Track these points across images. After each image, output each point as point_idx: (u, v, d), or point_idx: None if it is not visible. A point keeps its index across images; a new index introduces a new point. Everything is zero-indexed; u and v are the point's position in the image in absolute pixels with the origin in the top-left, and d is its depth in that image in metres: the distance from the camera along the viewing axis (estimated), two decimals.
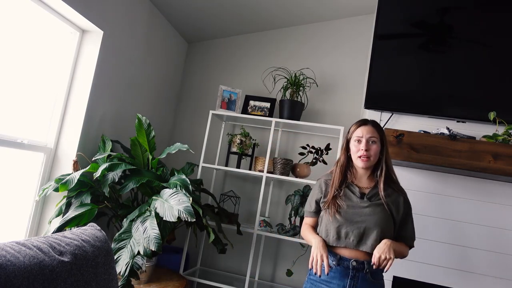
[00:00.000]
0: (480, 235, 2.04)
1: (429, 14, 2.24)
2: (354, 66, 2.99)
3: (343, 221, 1.46)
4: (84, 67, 2.17)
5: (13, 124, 1.88)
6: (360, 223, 1.45)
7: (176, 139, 3.25)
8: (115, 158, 2.03)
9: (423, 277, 2.06)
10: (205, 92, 3.30)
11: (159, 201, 1.85)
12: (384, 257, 1.36)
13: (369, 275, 1.44)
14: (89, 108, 2.17)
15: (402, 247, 1.50)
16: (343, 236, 1.46)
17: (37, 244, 1.02)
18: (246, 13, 2.93)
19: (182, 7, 2.80)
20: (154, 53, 2.85)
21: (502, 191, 2.06)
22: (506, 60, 2.12)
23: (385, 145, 1.54)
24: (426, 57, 2.23)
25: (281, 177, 2.62)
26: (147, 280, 2.09)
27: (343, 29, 3.07)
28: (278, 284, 2.85)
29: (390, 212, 1.48)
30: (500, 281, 1.99)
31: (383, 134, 1.55)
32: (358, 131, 1.53)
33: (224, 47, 3.32)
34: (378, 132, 1.53)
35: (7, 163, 1.87)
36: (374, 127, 1.53)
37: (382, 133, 1.55)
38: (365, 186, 1.55)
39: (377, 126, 1.55)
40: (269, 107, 2.86)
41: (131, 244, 1.75)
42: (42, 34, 1.97)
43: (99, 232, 1.27)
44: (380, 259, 1.36)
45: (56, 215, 1.96)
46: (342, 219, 1.46)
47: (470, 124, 2.14)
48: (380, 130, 1.55)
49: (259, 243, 2.89)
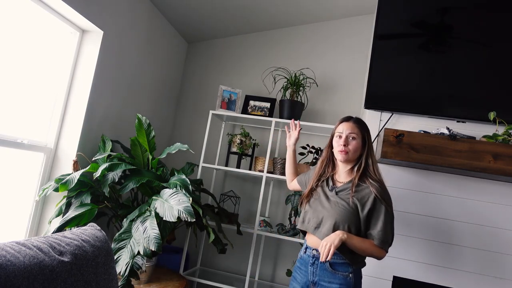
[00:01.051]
0: (480, 235, 2.04)
1: (429, 14, 2.24)
2: (354, 66, 2.99)
3: (309, 209, 1.62)
4: (84, 67, 2.17)
5: (13, 124, 1.88)
6: (320, 212, 1.56)
7: (176, 139, 3.25)
8: (115, 158, 2.03)
9: (423, 277, 2.06)
10: (205, 92, 3.30)
11: (159, 201, 1.85)
12: (326, 243, 1.39)
13: (328, 264, 1.50)
14: (89, 108, 2.17)
15: (365, 244, 1.47)
16: (306, 221, 1.60)
17: (37, 244, 1.02)
18: (246, 13, 2.93)
19: (182, 7, 2.80)
20: (154, 53, 2.85)
21: (502, 191, 2.06)
22: (506, 60, 2.12)
23: (367, 142, 1.58)
24: (426, 57, 2.23)
25: (281, 177, 2.62)
26: (147, 280, 2.09)
27: (343, 29, 3.07)
28: (278, 284, 2.85)
29: (355, 207, 1.50)
30: (500, 281, 1.99)
31: (365, 131, 1.60)
32: (339, 127, 1.61)
33: (224, 47, 3.32)
34: (359, 129, 1.58)
35: (7, 163, 1.87)
36: (356, 124, 1.59)
37: (364, 130, 1.60)
38: (342, 181, 1.62)
39: (359, 123, 1.60)
40: (269, 107, 2.86)
41: (131, 244, 1.75)
42: (42, 34, 1.97)
43: (99, 232, 1.27)
44: (323, 246, 1.40)
45: (56, 215, 1.96)
46: (309, 208, 1.62)
47: (470, 124, 2.14)
48: (362, 127, 1.60)
49: (259, 243, 2.89)
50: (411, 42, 2.24)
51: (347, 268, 1.50)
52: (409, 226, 2.11)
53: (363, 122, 1.63)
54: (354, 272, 1.51)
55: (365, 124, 1.62)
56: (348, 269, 1.50)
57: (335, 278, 1.50)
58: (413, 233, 2.11)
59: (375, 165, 1.57)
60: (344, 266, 1.50)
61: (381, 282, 2.08)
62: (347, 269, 1.50)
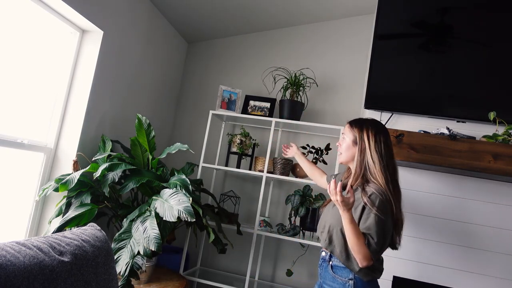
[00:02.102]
0: (480, 235, 2.04)
1: (429, 14, 2.24)
2: (354, 66, 2.99)
3: (321, 215, 1.65)
4: (84, 67, 2.17)
5: (13, 124, 1.88)
6: (323, 218, 1.59)
7: (176, 139, 3.25)
8: (115, 158, 2.03)
9: (423, 277, 2.06)
10: (205, 92, 3.30)
11: (159, 201, 1.85)
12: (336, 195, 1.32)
13: (330, 268, 1.51)
14: (89, 108, 2.17)
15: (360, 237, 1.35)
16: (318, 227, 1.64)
17: (37, 244, 1.02)
18: (246, 13, 2.93)
19: (182, 7, 2.80)
20: (154, 53, 2.85)
21: (502, 191, 2.06)
22: (506, 60, 2.12)
23: (359, 144, 1.50)
24: (426, 57, 2.23)
25: (281, 177, 2.62)
26: (147, 280, 2.09)
27: (343, 29, 3.07)
28: (278, 284, 2.85)
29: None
30: (500, 281, 1.99)
31: (358, 131, 1.52)
32: None
33: (224, 47, 3.32)
34: (349, 128, 1.56)
35: (7, 163, 1.87)
36: (348, 124, 1.58)
37: (356, 130, 1.52)
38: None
39: (351, 123, 1.57)
40: (269, 107, 2.86)
41: (131, 244, 1.75)
42: (42, 34, 1.97)
43: (99, 232, 1.27)
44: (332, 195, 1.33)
45: (56, 215, 1.96)
46: (322, 214, 1.65)
47: (470, 124, 2.14)
48: (352, 127, 1.55)
49: (259, 243, 2.89)
50: (411, 42, 2.24)
51: (347, 273, 1.45)
52: (409, 226, 2.11)
53: (359, 122, 1.55)
54: (357, 280, 1.43)
55: (361, 124, 1.54)
56: (348, 275, 1.45)
57: (334, 281, 1.48)
58: (413, 233, 2.11)
59: (375, 167, 1.45)
60: (344, 271, 1.46)
61: (381, 282, 2.06)
62: (347, 275, 1.45)
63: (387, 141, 1.51)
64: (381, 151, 1.47)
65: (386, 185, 1.43)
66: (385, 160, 1.47)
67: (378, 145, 1.48)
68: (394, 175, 1.50)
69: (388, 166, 1.47)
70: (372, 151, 1.47)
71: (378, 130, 1.51)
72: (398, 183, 1.51)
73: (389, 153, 1.50)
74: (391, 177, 1.47)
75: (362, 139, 1.50)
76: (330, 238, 1.48)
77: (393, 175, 1.49)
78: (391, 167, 1.48)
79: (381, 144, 1.48)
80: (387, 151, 1.49)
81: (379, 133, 1.50)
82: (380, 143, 1.48)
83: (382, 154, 1.47)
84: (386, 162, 1.47)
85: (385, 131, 1.54)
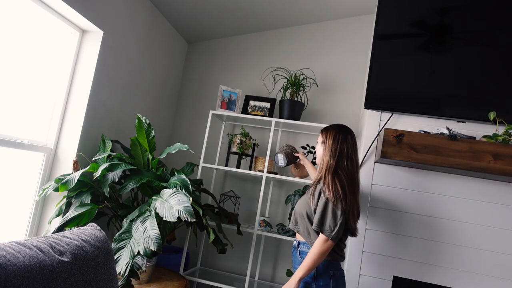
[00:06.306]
0: (480, 235, 2.04)
1: (429, 14, 2.24)
2: (354, 66, 2.99)
3: None
4: (84, 67, 2.17)
5: (13, 124, 1.88)
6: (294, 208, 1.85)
7: (176, 139, 3.25)
8: (115, 158, 2.03)
9: (423, 277, 2.06)
10: (205, 92, 3.30)
11: (159, 201, 1.85)
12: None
13: (298, 253, 1.70)
14: (89, 108, 2.17)
15: (312, 252, 1.57)
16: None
17: (37, 244, 1.02)
18: (246, 13, 2.93)
19: (182, 7, 2.80)
20: (154, 53, 2.85)
21: (502, 191, 2.06)
22: (506, 60, 2.12)
23: (323, 146, 1.74)
24: (426, 57, 2.23)
25: (281, 177, 2.62)
26: (147, 280, 2.09)
27: (343, 29, 3.07)
28: (278, 284, 2.85)
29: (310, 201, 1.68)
30: (500, 281, 1.99)
31: (325, 135, 1.75)
32: None
33: (224, 47, 3.32)
34: (321, 135, 1.78)
35: (7, 163, 1.87)
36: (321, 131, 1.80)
37: (324, 136, 1.75)
38: None
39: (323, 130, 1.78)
40: (269, 107, 2.86)
41: (131, 244, 1.75)
42: (42, 34, 1.97)
43: (99, 232, 1.27)
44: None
45: (56, 215, 1.96)
46: None
47: (470, 124, 2.14)
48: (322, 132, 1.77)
49: (259, 243, 2.89)
50: (411, 42, 2.24)
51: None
52: (409, 226, 2.11)
53: (326, 127, 1.78)
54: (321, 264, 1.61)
55: (326, 129, 1.77)
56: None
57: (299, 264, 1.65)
58: (413, 233, 2.11)
59: (326, 168, 1.65)
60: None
61: (381, 282, 2.09)
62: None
63: (345, 139, 1.71)
64: (336, 148, 1.69)
65: (332, 180, 1.63)
66: (337, 154, 1.67)
67: (335, 143, 1.71)
68: (341, 166, 1.66)
69: (338, 159, 1.66)
70: (328, 150, 1.70)
71: (337, 131, 1.74)
72: (353, 174, 1.66)
73: (344, 149, 1.68)
74: (338, 168, 1.65)
75: (327, 139, 1.73)
76: (295, 220, 1.75)
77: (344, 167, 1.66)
78: (343, 160, 1.66)
79: (338, 142, 1.70)
80: (342, 148, 1.68)
81: (338, 133, 1.73)
82: (338, 141, 1.71)
83: (334, 150, 1.69)
84: (338, 156, 1.67)
85: (344, 131, 1.73)
